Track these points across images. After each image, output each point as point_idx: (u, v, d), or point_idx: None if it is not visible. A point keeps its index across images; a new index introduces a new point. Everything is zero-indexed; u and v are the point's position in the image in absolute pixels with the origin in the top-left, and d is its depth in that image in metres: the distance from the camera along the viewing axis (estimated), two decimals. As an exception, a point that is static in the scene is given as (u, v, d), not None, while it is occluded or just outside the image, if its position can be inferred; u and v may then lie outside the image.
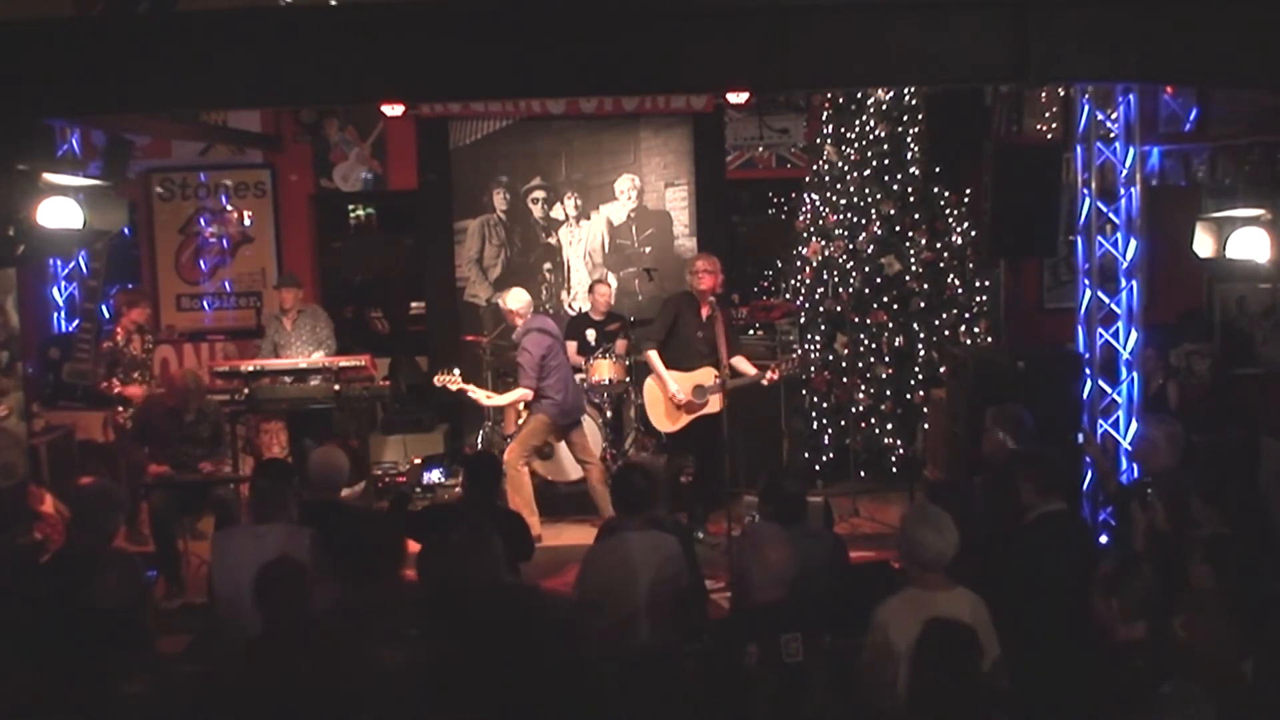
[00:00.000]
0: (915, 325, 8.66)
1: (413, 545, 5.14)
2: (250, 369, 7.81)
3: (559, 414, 7.43)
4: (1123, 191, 6.69)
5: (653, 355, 7.41)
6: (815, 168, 8.98)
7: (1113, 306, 6.80)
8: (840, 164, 8.75)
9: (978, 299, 8.72)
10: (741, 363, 7.26)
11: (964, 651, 3.22)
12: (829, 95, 8.82)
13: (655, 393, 7.44)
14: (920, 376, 8.57)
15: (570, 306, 9.92)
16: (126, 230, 8.07)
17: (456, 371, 7.56)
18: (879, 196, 8.65)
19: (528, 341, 7.31)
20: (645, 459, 7.70)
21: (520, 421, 7.80)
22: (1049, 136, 8.66)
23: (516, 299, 7.51)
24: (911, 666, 3.33)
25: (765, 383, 7.27)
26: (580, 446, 7.60)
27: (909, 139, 8.64)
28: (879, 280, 8.66)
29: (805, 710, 3.66)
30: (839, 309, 8.66)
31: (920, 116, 8.39)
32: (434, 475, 8.65)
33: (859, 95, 8.62)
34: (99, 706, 3.21)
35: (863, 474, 8.57)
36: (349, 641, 3.85)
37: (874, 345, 8.66)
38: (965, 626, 3.35)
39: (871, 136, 8.67)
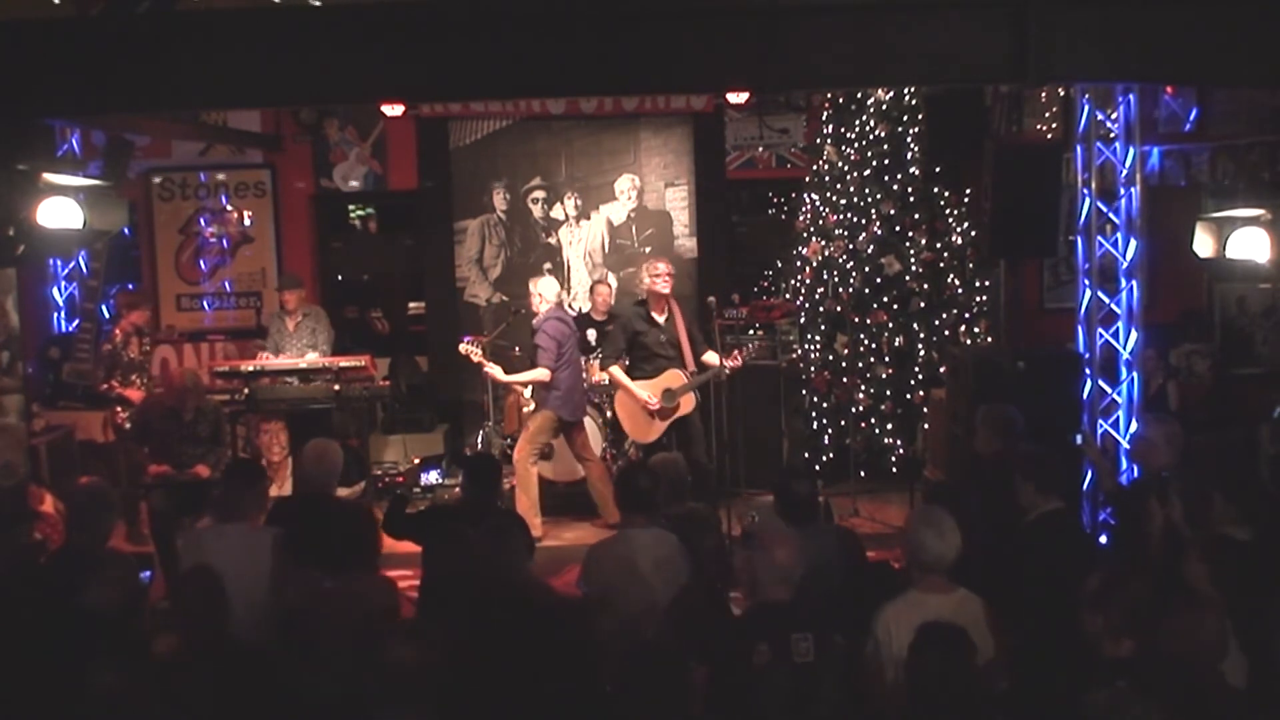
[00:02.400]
0: (915, 325, 8.66)
1: (411, 546, 5.17)
2: (250, 369, 7.80)
3: (566, 410, 7.46)
4: (1123, 191, 6.70)
5: (615, 371, 7.48)
6: (815, 168, 8.98)
7: (1113, 306, 6.80)
8: (840, 164, 8.75)
9: (978, 299, 8.72)
10: (711, 356, 7.28)
11: (957, 654, 3.22)
12: (829, 95, 8.81)
13: (627, 406, 7.49)
14: (920, 376, 8.57)
15: (570, 306, 9.91)
16: (126, 230, 8.07)
17: (481, 346, 7.70)
18: (879, 196, 8.65)
19: (548, 326, 7.41)
20: (668, 456, 7.71)
21: (527, 414, 7.78)
22: (1049, 136, 8.66)
23: (549, 286, 7.64)
24: (906, 670, 3.33)
25: (728, 371, 7.24)
26: (581, 444, 7.62)
27: (909, 139, 8.64)
28: (879, 280, 8.65)
29: (816, 711, 3.65)
30: (839, 309, 8.66)
31: (920, 116, 8.39)
32: (432, 476, 8.65)
33: (859, 95, 8.62)
34: (80, 698, 3.22)
35: (863, 474, 8.56)
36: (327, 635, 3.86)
37: (874, 345, 8.66)
38: (958, 629, 3.34)
39: (871, 136, 8.67)
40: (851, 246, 8.67)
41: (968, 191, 8.63)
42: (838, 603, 4.29)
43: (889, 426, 8.66)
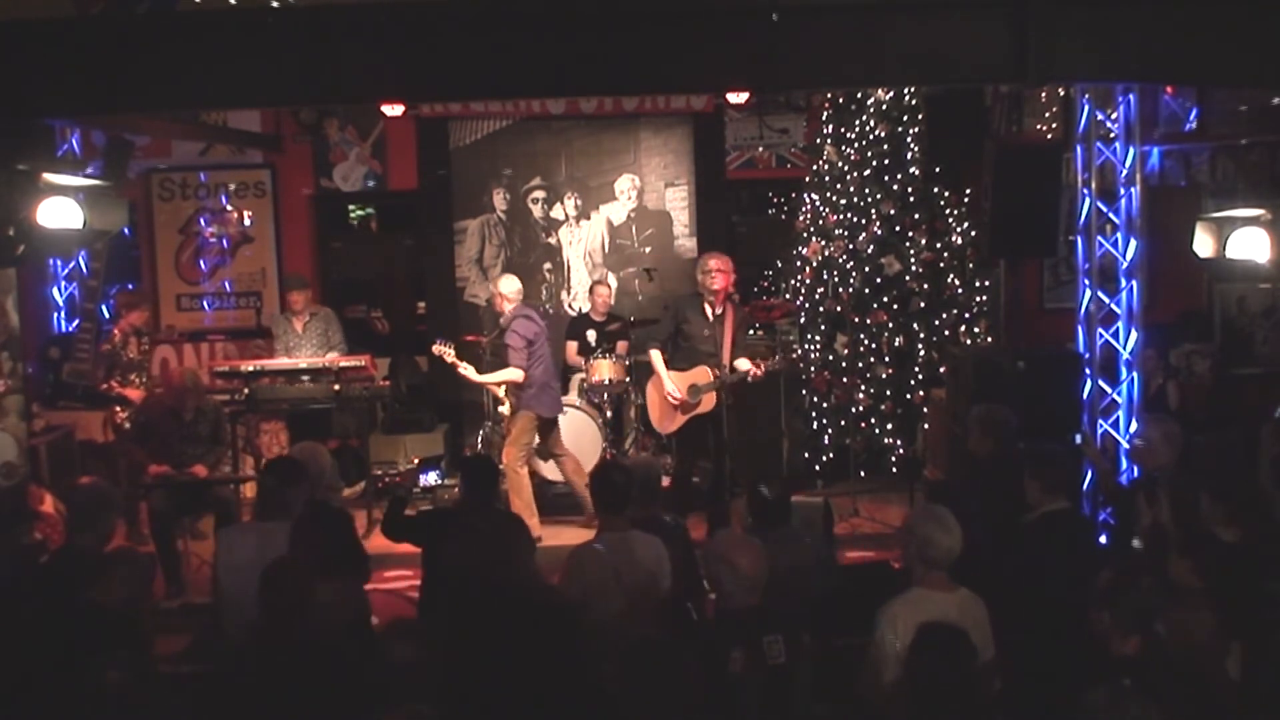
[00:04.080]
0: (915, 325, 8.66)
1: (411, 547, 5.17)
2: (250, 369, 7.79)
3: (544, 407, 7.46)
4: (1123, 191, 6.70)
5: (655, 355, 7.32)
6: (815, 168, 8.97)
7: (1113, 306, 6.80)
8: (840, 164, 8.75)
9: (978, 299, 8.72)
10: (742, 362, 7.18)
11: (957, 655, 3.22)
12: (829, 95, 8.81)
13: (655, 394, 7.40)
14: (920, 376, 8.57)
15: (570, 306, 9.92)
16: (126, 230, 8.07)
17: (452, 346, 7.62)
18: (879, 196, 8.65)
19: (516, 325, 7.38)
20: (644, 458, 7.66)
21: (506, 418, 7.72)
22: (1049, 136, 8.66)
23: (509, 284, 7.57)
24: (906, 670, 3.33)
25: (750, 378, 7.12)
26: (554, 441, 7.63)
27: (909, 139, 8.63)
28: (879, 280, 8.65)
29: (791, 711, 3.67)
30: (839, 309, 8.66)
31: (920, 116, 8.39)
32: (430, 477, 8.62)
33: (859, 95, 8.62)
34: (83, 696, 3.22)
35: (863, 474, 8.56)
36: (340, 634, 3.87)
37: (874, 345, 8.66)
38: (958, 629, 3.35)
39: (871, 136, 8.66)
40: (851, 246, 8.67)
41: (968, 191, 8.62)
42: (813, 604, 4.30)
43: (889, 426, 8.66)
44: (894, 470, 8.57)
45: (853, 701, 3.86)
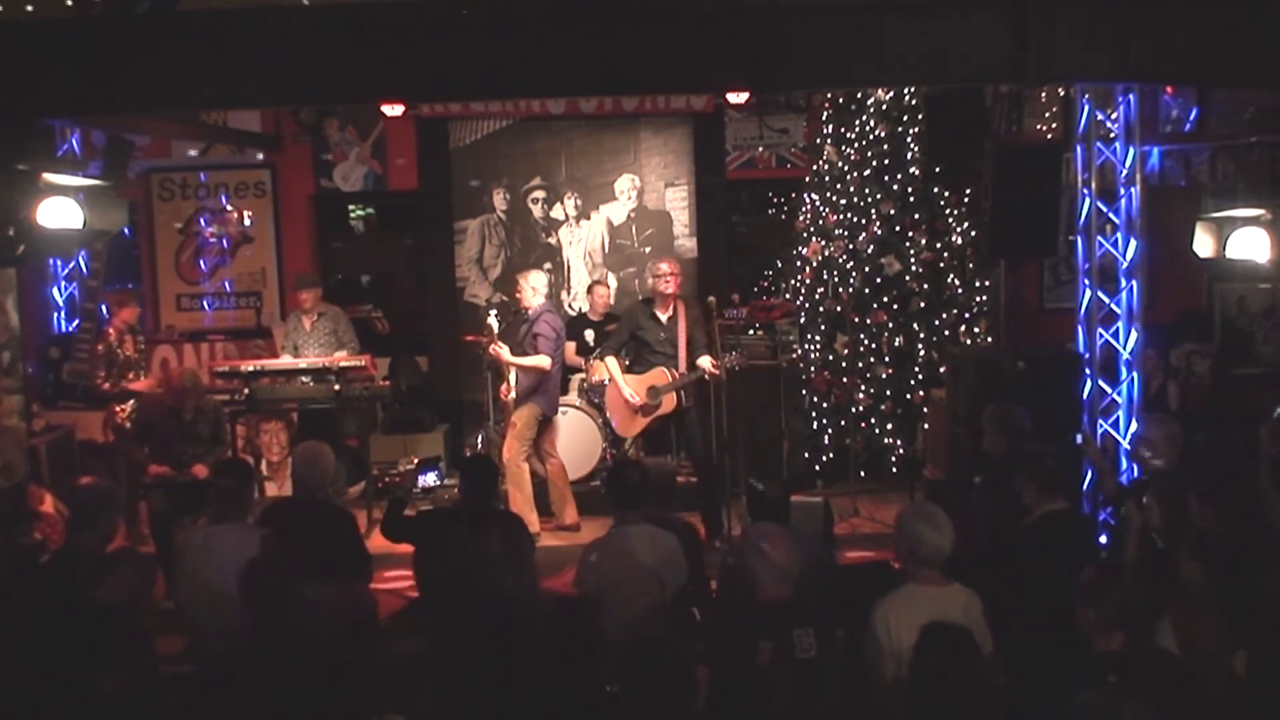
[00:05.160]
0: (915, 325, 8.66)
1: (409, 547, 5.17)
2: (250, 369, 7.79)
3: (549, 405, 7.52)
4: (1123, 191, 6.70)
5: (610, 362, 7.49)
6: (815, 168, 8.97)
7: (1113, 306, 6.80)
8: (840, 164, 8.75)
9: (978, 299, 8.72)
10: (704, 360, 7.19)
11: (962, 654, 3.24)
12: (829, 95, 8.81)
13: (614, 398, 7.52)
14: (920, 376, 8.57)
15: (570, 307, 9.91)
16: (126, 230, 8.07)
17: (495, 325, 7.64)
18: (879, 196, 8.65)
19: (546, 318, 7.50)
20: (655, 460, 7.68)
21: (511, 410, 7.73)
22: (1049, 136, 8.66)
23: (539, 278, 7.71)
24: (911, 671, 3.34)
25: (708, 377, 7.17)
26: (549, 440, 7.66)
27: (909, 139, 8.63)
28: (879, 280, 8.65)
29: (819, 705, 3.67)
30: (839, 309, 8.66)
31: (920, 116, 8.39)
32: (430, 477, 8.62)
33: (859, 95, 8.62)
34: (82, 697, 3.22)
35: (863, 474, 8.56)
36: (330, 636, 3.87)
37: (874, 345, 8.65)
38: (962, 629, 3.36)
39: (871, 136, 8.66)
40: (851, 246, 8.67)
41: (968, 191, 8.62)
42: (831, 600, 4.31)
43: (889, 426, 8.66)
44: (894, 470, 8.57)
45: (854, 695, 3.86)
